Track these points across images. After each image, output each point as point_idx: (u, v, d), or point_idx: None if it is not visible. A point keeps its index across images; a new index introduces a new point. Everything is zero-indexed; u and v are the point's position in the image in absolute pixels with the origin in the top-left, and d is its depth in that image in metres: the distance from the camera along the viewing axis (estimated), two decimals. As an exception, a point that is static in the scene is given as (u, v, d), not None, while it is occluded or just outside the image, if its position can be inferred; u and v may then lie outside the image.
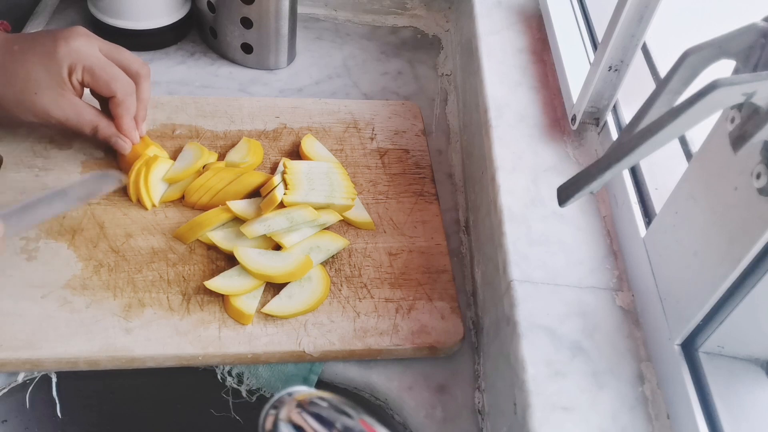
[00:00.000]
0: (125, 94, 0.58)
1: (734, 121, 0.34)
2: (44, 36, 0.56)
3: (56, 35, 0.56)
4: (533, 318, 0.44)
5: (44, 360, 0.48)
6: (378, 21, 0.87)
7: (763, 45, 0.32)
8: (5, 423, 0.55)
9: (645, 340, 0.44)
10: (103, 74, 0.56)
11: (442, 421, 0.49)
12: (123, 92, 0.57)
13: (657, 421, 0.40)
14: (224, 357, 0.50)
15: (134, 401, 0.59)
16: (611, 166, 0.33)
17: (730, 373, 0.39)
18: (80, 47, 0.55)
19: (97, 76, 0.56)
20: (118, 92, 0.57)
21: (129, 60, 0.59)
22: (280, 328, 0.51)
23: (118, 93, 0.57)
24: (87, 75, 0.56)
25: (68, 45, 0.55)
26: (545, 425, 0.39)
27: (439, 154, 0.70)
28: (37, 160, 0.61)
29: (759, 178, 0.33)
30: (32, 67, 0.54)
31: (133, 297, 0.52)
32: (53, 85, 0.55)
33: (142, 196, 0.58)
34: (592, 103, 0.55)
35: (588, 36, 0.64)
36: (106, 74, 0.57)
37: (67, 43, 0.55)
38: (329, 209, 0.58)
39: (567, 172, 0.54)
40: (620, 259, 0.49)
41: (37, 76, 0.54)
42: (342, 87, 0.76)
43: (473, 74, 0.67)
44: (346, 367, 0.52)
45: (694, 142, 0.48)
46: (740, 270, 0.35)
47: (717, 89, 0.28)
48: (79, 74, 0.56)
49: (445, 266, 0.57)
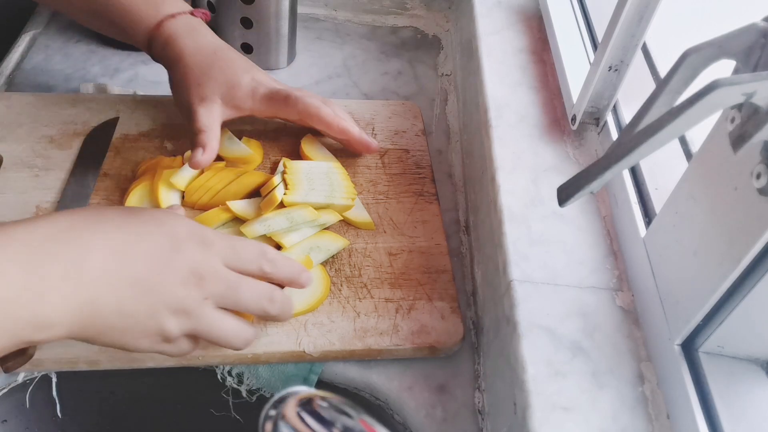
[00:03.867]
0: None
1: (734, 121, 0.34)
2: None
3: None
4: (533, 318, 0.44)
5: (44, 360, 0.48)
6: (378, 21, 0.87)
7: (763, 45, 0.32)
8: (5, 423, 0.55)
9: (645, 340, 0.44)
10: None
11: (442, 421, 0.49)
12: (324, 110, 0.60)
13: (657, 421, 0.40)
14: (224, 357, 0.50)
15: (134, 401, 0.59)
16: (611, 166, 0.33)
17: (730, 373, 0.39)
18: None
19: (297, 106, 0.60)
20: (321, 110, 0.60)
21: (313, 95, 0.63)
22: (280, 328, 0.51)
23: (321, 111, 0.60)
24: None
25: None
26: (545, 425, 0.39)
27: (439, 154, 0.70)
28: (37, 160, 0.61)
29: (759, 178, 0.33)
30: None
31: (133, 297, 0.52)
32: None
33: (161, 203, 0.57)
34: (592, 103, 0.55)
35: (588, 36, 0.64)
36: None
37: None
38: (329, 209, 0.58)
39: (567, 172, 0.54)
40: (620, 259, 0.49)
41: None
42: (342, 87, 0.76)
43: (473, 74, 0.67)
44: (346, 367, 0.52)
45: (694, 142, 0.48)
46: (740, 270, 0.35)
47: (717, 89, 0.28)
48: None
49: (445, 266, 0.57)
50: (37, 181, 0.59)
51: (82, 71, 0.74)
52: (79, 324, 0.38)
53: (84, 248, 0.38)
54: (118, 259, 0.39)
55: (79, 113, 0.66)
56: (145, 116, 0.66)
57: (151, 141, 0.64)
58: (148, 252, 0.40)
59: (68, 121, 0.65)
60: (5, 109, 0.65)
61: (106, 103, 0.67)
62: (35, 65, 0.74)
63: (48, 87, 0.72)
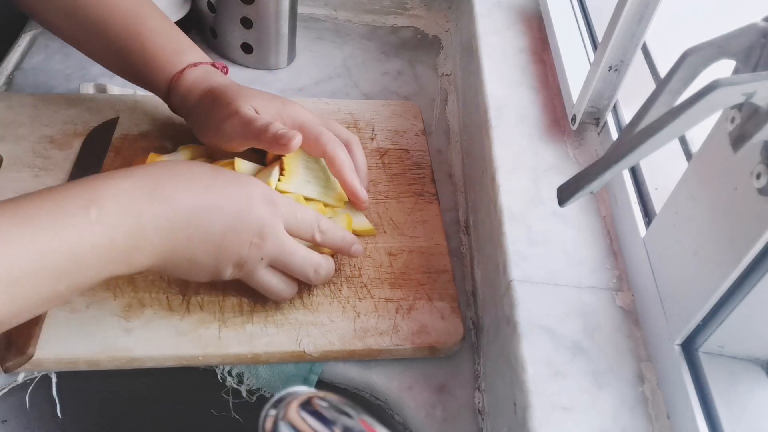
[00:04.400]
0: (335, 147, 0.56)
1: (734, 121, 0.34)
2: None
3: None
4: (533, 318, 0.44)
5: (44, 360, 0.48)
6: (378, 21, 0.87)
7: (763, 45, 0.32)
8: (5, 423, 0.55)
9: (645, 340, 0.44)
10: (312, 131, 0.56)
11: (442, 421, 0.49)
12: (332, 146, 0.55)
13: (657, 421, 0.40)
14: (224, 357, 0.50)
15: (134, 401, 0.59)
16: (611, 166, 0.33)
17: (730, 373, 0.39)
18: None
19: (306, 136, 0.55)
20: (327, 146, 0.55)
21: (338, 128, 0.59)
22: (280, 328, 0.51)
23: (327, 147, 0.55)
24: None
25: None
26: (545, 425, 0.39)
27: (439, 154, 0.70)
28: (37, 160, 0.61)
29: (759, 178, 0.33)
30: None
31: (133, 297, 0.52)
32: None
33: None
34: (592, 103, 0.55)
35: (588, 36, 0.64)
36: (315, 130, 0.56)
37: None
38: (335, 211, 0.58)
39: (567, 172, 0.54)
40: (620, 259, 0.49)
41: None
42: (342, 87, 0.76)
43: (473, 74, 0.67)
44: (346, 367, 0.52)
45: (694, 142, 0.48)
46: (740, 270, 0.35)
47: (717, 89, 0.28)
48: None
49: (445, 266, 0.57)
50: (37, 181, 0.59)
51: (82, 71, 0.74)
52: (155, 265, 0.44)
53: (175, 204, 0.43)
54: (201, 217, 0.44)
55: (79, 113, 0.66)
56: (145, 116, 0.66)
57: (151, 141, 0.64)
58: (227, 212, 0.45)
59: (68, 121, 0.65)
60: (5, 109, 0.65)
61: (106, 103, 0.67)
62: (35, 65, 0.74)
63: (48, 87, 0.72)
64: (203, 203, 0.45)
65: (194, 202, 0.44)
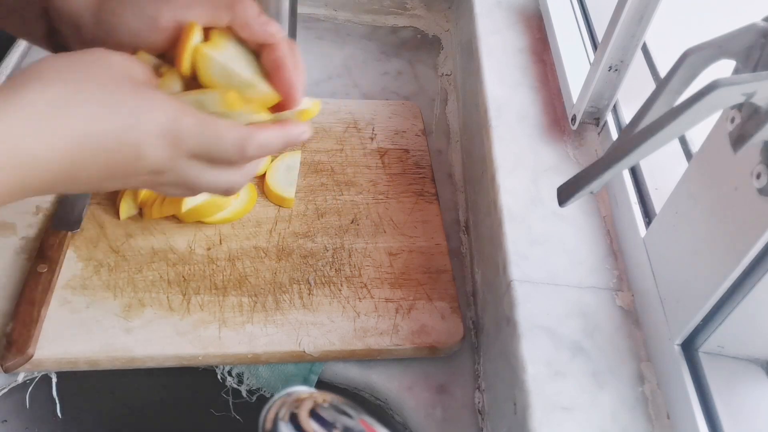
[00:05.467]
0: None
1: (734, 121, 0.34)
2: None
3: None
4: (533, 318, 0.44)
5: (44, 360, 0.48)
6: (378, 21, 0.87)
7: (763, 45, 0.32)
8: (5, 423, 0.55)
9: (645, 340, 0.44)
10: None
11: (442, 421, 0.49)
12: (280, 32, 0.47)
13: (657, 421, 0.40)
14: (224, 357, 0.50)
15: (134, 401, 0.59)
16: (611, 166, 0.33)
17: (730, 373, 0.39)
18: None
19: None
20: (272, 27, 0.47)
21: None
22: (280, 328, 0.51)
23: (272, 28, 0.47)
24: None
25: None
26: (545, 425, 0.39)
27: (439, 154, 0.70)
28: (37, 160, 0.61)
29: (759, 178, 0.33)
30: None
31: (133, 297, 0.52)
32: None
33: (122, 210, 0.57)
34: (592, 103, 0.55)
35: (588, 36, 0.64)
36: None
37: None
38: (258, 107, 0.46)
39: (567, 172, 0.54)
40: (620, 259, 0.49)
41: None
42: (342, 87, 0.76)
43: (473, 74, 0.67)
44: (346, 367, 0.52)
45: (694, 142, 0.48)
46: (740, 270, 0.35)
47: (717, 89, 0.28)
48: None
49: (445, 266, 0.57)
50: (37, 181, 0.59)
51: (82, 71, 0.74)
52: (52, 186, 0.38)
53: (53, 149, 0.37)
54: (75, 165, 0.38)
55: (79, 113, 0.66)
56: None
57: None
58: (102, 164, 0.39)
59: (68, 121, 0.65)
60: (5, 109, 0.65)
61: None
62: (35, 65, 0.74)
63: (48, 87, 0.72)
64: (80, 155, 0.38)
65: (71, 153, 0.38)
